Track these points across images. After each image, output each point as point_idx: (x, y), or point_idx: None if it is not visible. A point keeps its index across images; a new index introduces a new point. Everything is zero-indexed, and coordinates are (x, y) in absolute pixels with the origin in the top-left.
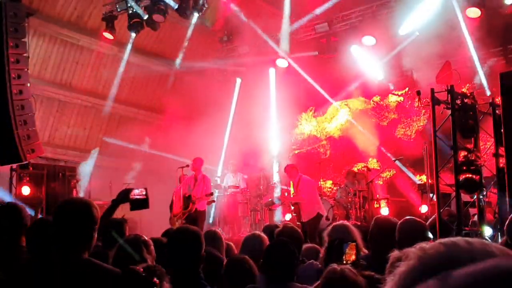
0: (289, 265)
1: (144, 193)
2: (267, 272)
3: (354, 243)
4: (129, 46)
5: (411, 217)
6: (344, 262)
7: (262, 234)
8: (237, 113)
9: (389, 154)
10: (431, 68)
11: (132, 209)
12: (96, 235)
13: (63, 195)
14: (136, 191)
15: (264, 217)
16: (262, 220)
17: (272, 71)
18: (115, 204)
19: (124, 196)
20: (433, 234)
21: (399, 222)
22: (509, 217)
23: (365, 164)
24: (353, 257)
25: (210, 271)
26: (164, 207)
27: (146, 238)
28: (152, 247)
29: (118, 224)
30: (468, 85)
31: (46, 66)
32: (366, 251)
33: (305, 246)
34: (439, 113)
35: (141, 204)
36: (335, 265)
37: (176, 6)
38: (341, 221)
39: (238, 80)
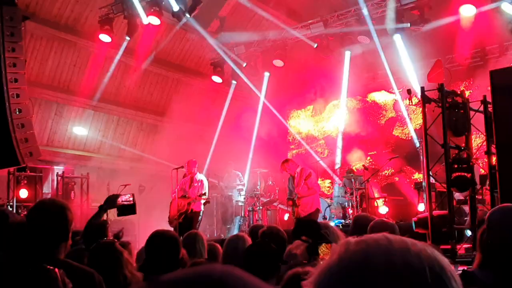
0: (268, 267)
1: (131, 199)
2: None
3: (329, 244)
4: (122, 49)
5: (380, 219)
6: (321, 263)
7: (246, 236)
8: (231, 114)
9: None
10: None
11: (119, 214)
12: (70, 236)
13: (61, 198)
14: (123, 197)
15: (262, 217)
16: (260, 220)
17: (266, 74)
18: (102, 210)
19: (111, 202)
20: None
21: (370, 224)
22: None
23: (362, 163)
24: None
25: None
26: (162, 208)
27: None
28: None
29: (99, 226)
30: (465, 83)
31: (43, 69)
32: None
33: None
34: (430, 111)
35: (128, 209)
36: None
37: (177, 8)
38: (324, 221)
39: (234, 82)
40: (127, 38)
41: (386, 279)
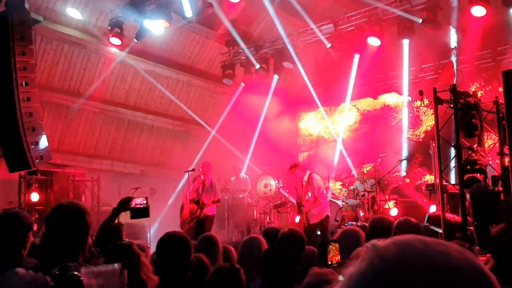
0: (287, 270)
1: (144, 202)
2: (265, 276)
3: (336, 244)
4: (126, 51)
5: (406, 217)
6: (329, 263)
7: (261, 238)
8: (239, 116)
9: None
10: None
11: (132, 217)
12: (89, 240)
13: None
14: (137, 200)
15: (273, 219)
16: (271, 223)
17: (275, 78)
18: (115, 212)
19: (124, 205)
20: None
21: (396, 221)
22: None
23: (373, 165)
24: (338, 257)
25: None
26: (173, 211)
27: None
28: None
29: (114, 229)
30: (476, 84)
31: (54, 72)
32: None
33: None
34: (443, 112)
35: (142, 213)
36: (317, 268)
37: (191, 15)
38: (351, 226)
39: (242, 84)
40: (135, 41)
41: (428, 282)
